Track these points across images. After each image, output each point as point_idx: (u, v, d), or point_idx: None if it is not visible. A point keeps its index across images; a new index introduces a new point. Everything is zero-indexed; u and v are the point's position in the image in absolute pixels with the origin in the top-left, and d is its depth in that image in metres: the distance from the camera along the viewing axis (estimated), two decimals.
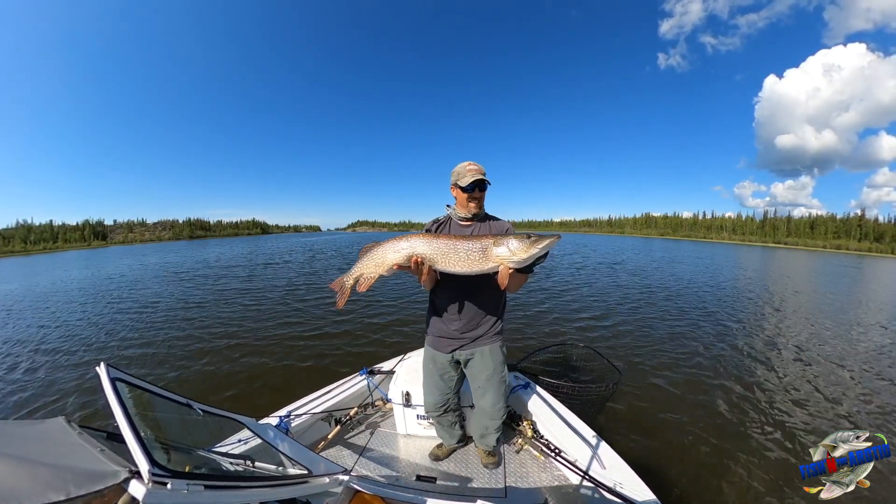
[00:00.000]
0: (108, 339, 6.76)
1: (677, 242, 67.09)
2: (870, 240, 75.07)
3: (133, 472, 0.81)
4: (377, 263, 1.64)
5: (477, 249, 1.53)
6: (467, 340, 1.99)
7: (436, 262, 1.58)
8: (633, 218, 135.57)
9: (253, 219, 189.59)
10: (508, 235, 1.51)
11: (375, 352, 5.60)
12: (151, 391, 1.22)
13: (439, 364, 2.09)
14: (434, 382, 2.14)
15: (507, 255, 1.47)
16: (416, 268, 1.58)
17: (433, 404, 2.19)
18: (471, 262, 1.54)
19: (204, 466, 1.28)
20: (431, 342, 2.11)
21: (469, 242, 1.55)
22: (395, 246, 1.62)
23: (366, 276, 1.66)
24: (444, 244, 1.57)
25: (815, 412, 4.05)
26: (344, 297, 1.72)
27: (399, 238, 1.63)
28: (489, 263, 1.52)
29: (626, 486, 1.80)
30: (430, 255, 1.57)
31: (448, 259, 1.56)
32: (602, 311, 8.46)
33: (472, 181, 1.79)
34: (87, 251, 61.27)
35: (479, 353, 2.01)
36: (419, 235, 1.64)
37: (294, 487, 1.38)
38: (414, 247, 1.59)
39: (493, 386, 2.05)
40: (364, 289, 1.66)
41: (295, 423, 2.36)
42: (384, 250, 1.63)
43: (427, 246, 1.58)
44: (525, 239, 1.45)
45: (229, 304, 9.50)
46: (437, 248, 1.57)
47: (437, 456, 2.36)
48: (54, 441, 0.91)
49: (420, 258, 1.57)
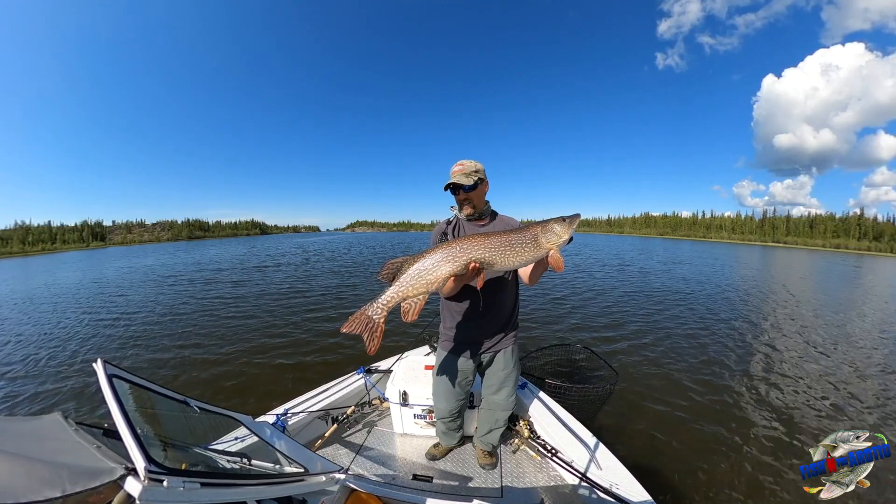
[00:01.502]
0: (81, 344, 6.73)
1: (677, 242, 67.17)
2: (869, 239, 75.23)
3: (129, 469, 0.81)
4: (428, 281, 1.41)
5: (529, 240, 1.49)
6: (494, 343, 2.00)
7: (494, 263, 1.47)
8: (633, 217, 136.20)
9: (252, 219, 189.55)
10: (548, 221, 1.50)
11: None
12: (148, 388, 1.22)
13: (462, 370, 2.06)
14: (449, 390, 2.10)
15: (556, 239, 1.47)
16: (474, 275, 1.45)
17: (448, 411, 2.17)
18: (526, 253, 1.49)
19: (200, 464, 1.28)
20: (453, 349, 2.03)
21: (519, 235, 1.50)
22: (448, 254, 1.42)
23: (412, 300, 1.40)
24: (499, 241, 1.47)
25: (817, 415, 4.05)
26: (377, 337, 1.40)
27: (445, 245, 1.46)
28: (541, 251, 1.49)
29: (623, 487, 1.80)
30: (488, 257, 1.45)
31: (505, 256, 1.47)
32: (602, 311, 8.46)
33: (448, 184, 1.82)
34: (85, 252, 61.16)
35: (501, 354, 2.04)
36: (471, 239, 1.48)
37: (290, 485, 1.38)
38: (470, 251, 1.44)
39: (510, 383, 2.09)
40: (414, 317, 1.41)
41: (292, 421, 2.36)
42: (435, 262, 1.42)
43: (482, 248, 1.45)
44: (562, 221, 1.48)
45: (226, 305, 9.49)
46: (493, 247, 1.46)
47: (433, 455, 2.35)
48: (50, 437, 0.91)
49: (478, 262, 1.44)
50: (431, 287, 1.41)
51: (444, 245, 1.46)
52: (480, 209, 1.93)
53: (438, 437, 2.40)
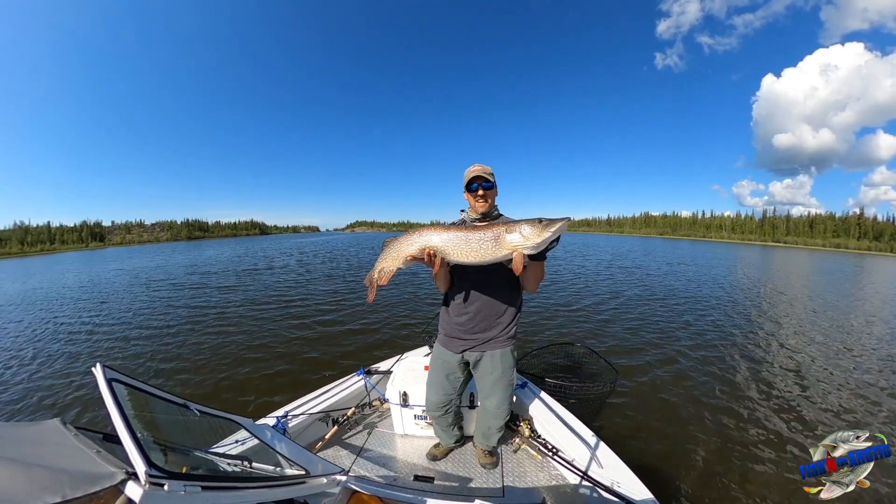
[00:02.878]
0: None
1: (677, 241, 67.18)
2: (869, 238, 75.29)
3: (130, 473, 0.80)
4: (394, 256, 1.69)
5: (489, 238, 1.52)
6: (478, 342, 1.97)
7: (448, 254, 1.59)
8: (633, 217, 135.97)
9: (251, 219, 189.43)
10: (520, 222, 1.48)
11: (372, 352, 5.59)
12: (148, 392, 1.21)
13: (448, 364, 2.08)
14: (439, 381, 2.13)
15: (520, 241, 1.45)
16: (430, 260, 1.60)
17: (435, 404, 2.17)
18: (483, 251, 1.53)
19: (201, 467, 1.28)
20: (442, 341, 2.10)
21: (481, 232, 1.54)
22: (409, 238, 1.67)
23: (385, 270, 1.71)
24: (456, 235, 1.58)
25: (818, 414, 4.05)
26: (373, 291, 1.77)
27: (414, 231, 1.68)
28: (502, 251, 1.50)
29: (624, 486, 1.80)
30: (442, 247, 1.59)
31: (459, 249, 1.57)
32: (601, 312, 8.47)
33: (470, 178, 1.88)
34: (84, 252, 61.08)
35: (488, 356, 1.99)
36: (433, 227, 1.66)
37: (292, 488, 1.38)
38: (426, 239, 1.62)
39: (500, 390, 2.03)
40: (385, 282, 1.71)
41: (292, 423, 2.36)
42: (400, 244, 1.69)
43: (438, 237, 1.60)
44: (537, 224, 1.43)
45: (224, 305, 9.48)
46: (448, 239, 1.59)
47: (434, 456, 2.35)
48: (50, 443, 0.90)
49: (432, 250, 1.60)
50: (397, 262, 1.68)
51: (415, 230, 1.68)
52: (491, 210, 1.96)
53: (437, 437, 2.41)
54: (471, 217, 1.96)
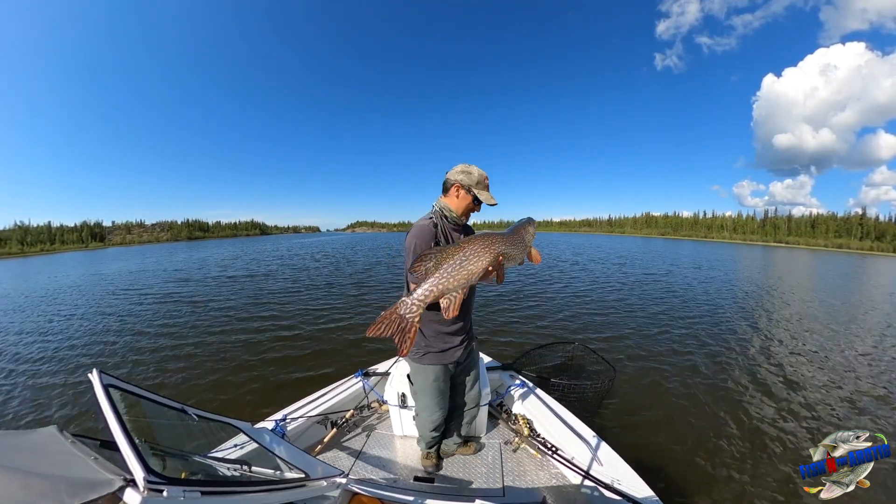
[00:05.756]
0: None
1: (678, 242, 67.07)
2: (871, 238, 75.06)
3: (128, 479, 0.80)
4: (469, 272, 1.31)
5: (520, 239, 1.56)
6: (470, 339, 2.06)
7: (514, 258, 1.51)
8: (634, 218, 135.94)
9: (252, 219, 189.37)
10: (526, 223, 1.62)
11: (370, 354, 5.58)
12: (145, 397, 1.21)
13: (441, 378, 2.00)
14: (437, 400, 2.05)
15: (531, 238, 1.60)
16: (499, 267, 1.44)
17: (442, 419, 2.15)
18: (523, 251, 1.58)
19: (200, 472, 1.27)
20: (435, 358, 1.94)
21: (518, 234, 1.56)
22: (484, 245, 1.37)
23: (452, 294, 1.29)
24: (512, 238, 1.51)
25: (819, 413, 4.04)
26: (410, 339, 1.27)
27: (475, 239, 1.40)
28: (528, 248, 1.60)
29: (624, 483, 1.80)
30: (508, 251, 1.46)
31: (517, 251, 1.53)
32: (600, 312, 8.47)
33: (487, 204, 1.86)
34: (84, 253, 61.07)
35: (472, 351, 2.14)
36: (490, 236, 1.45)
37: (291, 491, 1.38)
38: (498, 245, 1.42)
39: (480, 376, 2.23)
40: (455, 313, 1.30)
41: (291, 426, 2.35)
42: (476, 253, 1.34)
43: (504, 243, 1.45)
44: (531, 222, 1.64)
45: (224, 307, 9.46)
46: (510, 243, 1.47)
47: (429, 466, 2.33)
48: (47, 450, 0.90)
49: (503, 255, 1.43)
50: (472, 278, 1.33)
51: (474, 239, 1.41)
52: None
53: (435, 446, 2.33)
54: (454, 216, 1.87)
